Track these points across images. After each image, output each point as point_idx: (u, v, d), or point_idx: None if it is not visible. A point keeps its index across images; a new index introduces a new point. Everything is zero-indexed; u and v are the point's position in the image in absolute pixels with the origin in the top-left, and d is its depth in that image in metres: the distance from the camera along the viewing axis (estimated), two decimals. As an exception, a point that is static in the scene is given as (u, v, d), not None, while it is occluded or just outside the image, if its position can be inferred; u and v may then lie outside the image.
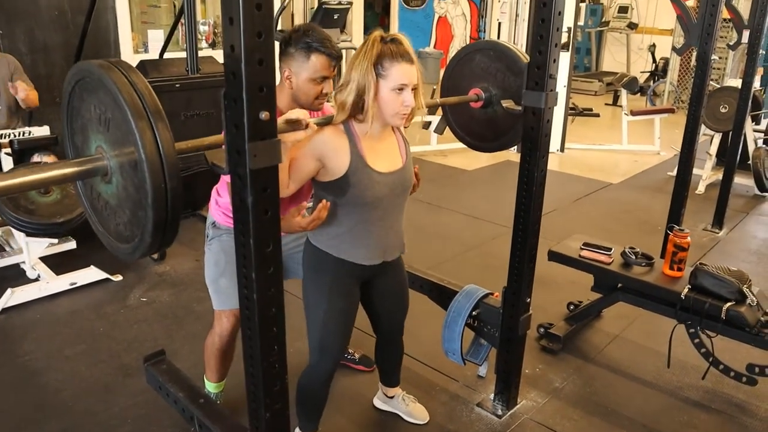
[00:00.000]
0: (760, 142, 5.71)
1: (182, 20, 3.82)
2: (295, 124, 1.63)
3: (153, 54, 4.72)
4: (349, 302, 2.06)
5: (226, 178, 2.03)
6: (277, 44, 1.49)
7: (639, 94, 8.58)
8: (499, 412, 2.56)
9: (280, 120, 1.53)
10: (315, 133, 1.73)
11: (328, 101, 2.13)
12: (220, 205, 2.20)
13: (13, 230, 3.47)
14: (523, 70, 2.24)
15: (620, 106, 8.13)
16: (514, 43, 6.67)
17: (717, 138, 5.67)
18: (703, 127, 4.52)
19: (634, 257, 2.90)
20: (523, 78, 2.22)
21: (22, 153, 3.47)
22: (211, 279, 2.27)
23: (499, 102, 2.35)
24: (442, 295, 2.68)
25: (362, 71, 1.77)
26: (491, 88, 2.39)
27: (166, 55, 4.27)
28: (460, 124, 2.58)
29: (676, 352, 2.75)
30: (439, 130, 2.66)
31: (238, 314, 2.25)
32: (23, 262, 3.62)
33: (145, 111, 1.20)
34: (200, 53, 3.67)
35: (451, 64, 2.54)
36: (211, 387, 2.48)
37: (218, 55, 4.46)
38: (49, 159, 3.40)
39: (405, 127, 1.98)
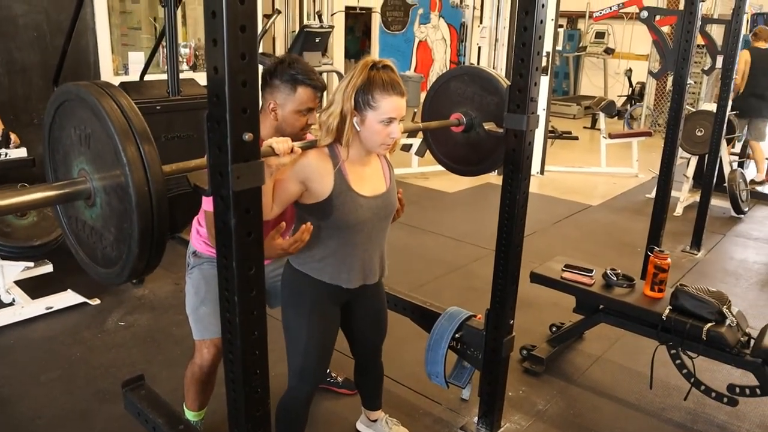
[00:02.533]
0: (735, 165, 5.82)
1: (163, 42, 3.82)
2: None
3: (133, 76, 4.69)
4: (329, 324, 2.04)
5: (206, 206, 2.01)
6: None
7: (616, 117, 8.72)
8: (483, 436, 2.54)
9: (264, 144, 1.52)
10: (299, 156, 1.72)
11: (310, 132, 2.13)
12: (201, 234, 2.19)
13: (-12, 253, 3.40)
14: (498, 89, 2.29)
15: (598, 129, 8.25)
16: (493, 67, 6.76)
17: (693, 161, 5.78)
18: (679, 149, 4.59)
19: (615, 279, 2.92)
20: (499, 96, 2.27)
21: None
22: (191, 308, 2.24)
23: (481, 125, 2.36)
24: (425, 318, 2.67)
25: (347, 96, 1.77)
26: (471, 112, 2.41)
27: (147, 78, 4.25)
28: (443, 151, 2.58)
29: (659, 373, 2.76)
30: (420, 153, 2.68)
31: (219, 344, 2.23)
32: (-3, 286, 3.55)
33: (132, 133, 1.19)
34: (181, 75, 3.66)
35: (430, 92, 2.56)
36: (191, 415, 2.42)
37: (199, 77, 4.47)
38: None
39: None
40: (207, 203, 1.97)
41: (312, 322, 1.97)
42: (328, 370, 2.72)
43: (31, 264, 3.62)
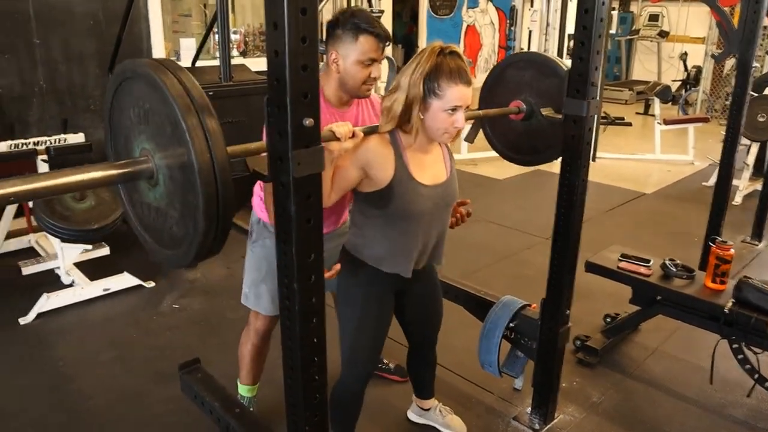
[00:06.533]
0: (799, 152, 5.57)
1: (215, 28, 3.84)
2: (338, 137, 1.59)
3: (185, 62, 4.75)
4: (383, 313, 2.02)
5: None
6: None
7: (671, 103, 8.45)
8: (536, 427, 2.50)
9: (324, 129, 1.50)
10: (360, 142, 1.69)
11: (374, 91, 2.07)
12: (263, 201, 2.15)
13: (49, 236, 3.50)
14: (556, 70, 2.24)
15: (652, 115, 8.01)
16: (544, 51, 6.61)
17: (755, 148, 5.55)
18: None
19: (674, 269, 2.83)
20: (558, 78, 2.21)
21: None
22: (250, 280, 2.25)
23: (541, 111, 2.30)
24: (478, 306, 2.63)
25: (413, 83, 1.73)
26: (530, 99, 2.35)
27: (198, 64, 4.30)
28: (502, 141, 2.53)
29: (719, 368, 2.67)
30: (469, 139, 2.62)
31: (274, 317, 2.25)
32: (58, 268, 3.65)
33: (194, 109, 1.17)
34: (232, 61, 3.68)
35: (487, 82, 2.50)
36: (244, 390, 2.46)
37: (249, 62, 4.49)
38: None
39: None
40: None
41: (366, 311, 1.96)
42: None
43: (89, 247, 3.72)
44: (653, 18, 10.98)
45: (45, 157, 3.71)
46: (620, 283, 2.99)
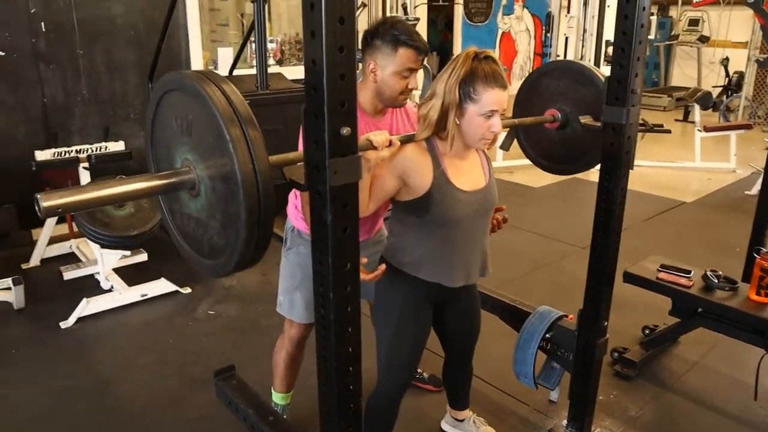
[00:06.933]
0: None
1: (252, 37, 3.89)
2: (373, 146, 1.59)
3: (222, 71, 4.82)
4: (421, 324, 2.01)
5: None
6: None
7: (711, 109, 8.26)
8: (573, 440, 2.45)
9: (361, 138, 1.50)
10: (397, 150, 1.68)
11: (410, 100, 2.07)
12: (298, 209, 2.16)
13: (89, 242, 3.58)
14: (592, 78, 2.22)
15: (691, 122, 7.84)
16: (581, 58, 6.53)
17: (800, 155, 5.37)
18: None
19: (716, 281, 2.75)
20: (594, 86, 2.19)
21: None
22: (284, 288, 2.26)
23: (577, 119, 2.27)
24: (514, 316, 2.60)
25: (449, 88, 1.72)
26: (565, 107, 2.32)
27: (235, 72, 4.36)
28: (537, 150, 2.51)
29: (764, 384, 2.59)
30: (504, 147, 2.59)
31: (308, 325, 2.26)
32: (98, 273, 3.73)
33: (238, 120, 1.18)
34: (269, 70, 3.72)
35: (521, 91, 2.49)
36: (278, 398, 2.47)
37: (285, 71, 4.54)
38: None
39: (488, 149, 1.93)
40: None
41: (404, 321, 1.95)
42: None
43: (128, 253, 3.79)
44: (693, 23, 10.76)
45: (86, 164, 3.80)
46: (659, 294, 2.92)
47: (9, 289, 3.46)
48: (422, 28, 8.30)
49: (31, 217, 3.85)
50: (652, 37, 10.07)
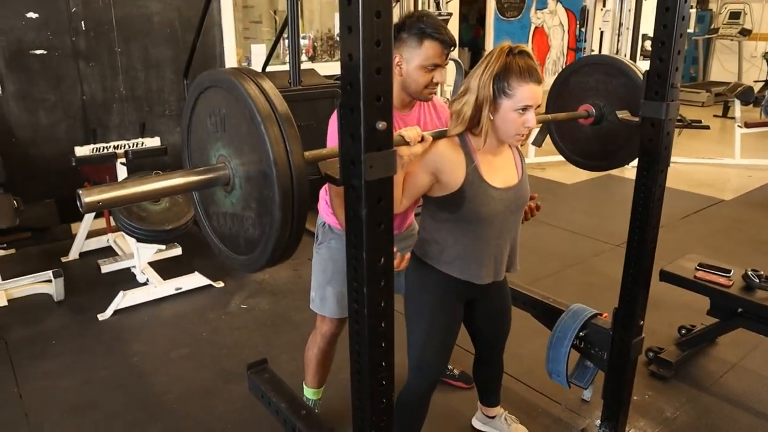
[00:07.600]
0: None
1: (285, 34, 3.92)
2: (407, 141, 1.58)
3: (255, 67, 4.86)
4: (452, 321, 2.00)
5: None
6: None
7: (752, 105, 8.05)
8: (606, 440, 2.42)
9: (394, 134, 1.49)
10: (430, 146, 1.67)
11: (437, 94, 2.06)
12: (329, 205, 2.14)
13: (126, 236, 3.64)
14: (623, 69, 2.20)
15: (731, 118, 7.66)
16: (616, 53, 6.42)
17: None
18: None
19: (757, 280, 2.69)
20: (626, 77, 2.17)
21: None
22: (317, 284, 2.26)
23: (613, 113, 2.23)
24: (546, 314, 2.57)
25: (483, 84, 1.70)
26: (599, 102, 2.29)
27: (268, 69, 4.39)
28: (571, 147, 2.48)
29: (807, 386, 2.52)
30: (537, 143, 2.56)
31: (340, 320, 2.27)
32: (134, 267, 3.80)
33: (276, 118, 1.19)
34: (301, 66, 3.73)
35: (554, 88, 2.46)
36: (309, 393, 2.48)
37: (318, 67, 4.55)
38: None
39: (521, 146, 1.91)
40: None
41: (435, 317, 1.94)
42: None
43: (163, 247, 3.85)
44: (734, 16, 10.50)
45: (123, 160, 3.87)
46: (696, 294, 2.86)
47: (50, 281, 3.55)
48: (454, 24, 8.23)
49: (71, 211, 3.98)
50: (690, 30, 9.85)
